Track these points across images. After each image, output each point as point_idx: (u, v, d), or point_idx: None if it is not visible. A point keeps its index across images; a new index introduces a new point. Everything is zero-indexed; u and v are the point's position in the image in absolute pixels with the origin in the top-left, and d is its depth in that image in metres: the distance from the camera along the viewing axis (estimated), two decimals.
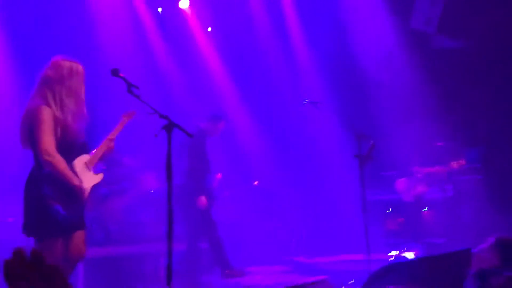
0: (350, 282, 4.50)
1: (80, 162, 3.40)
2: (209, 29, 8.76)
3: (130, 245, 5.97)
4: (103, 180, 3.60)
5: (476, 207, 7.68)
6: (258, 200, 8.06)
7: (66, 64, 3.39)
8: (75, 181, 3.24)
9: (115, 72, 3.24)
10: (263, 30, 8.98)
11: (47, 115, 3.21)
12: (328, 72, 8.78)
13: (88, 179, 3.42)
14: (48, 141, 3.18)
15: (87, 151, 3.52)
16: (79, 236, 3.42)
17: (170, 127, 3.04)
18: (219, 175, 7.08)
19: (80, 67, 3.45)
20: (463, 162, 6.99)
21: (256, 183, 8.26)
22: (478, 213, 7.55)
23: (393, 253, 6.61)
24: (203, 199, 5.77)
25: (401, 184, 7.48)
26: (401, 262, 4.00)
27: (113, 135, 3.65)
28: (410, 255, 6.40)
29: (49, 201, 3.17)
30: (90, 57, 6.42)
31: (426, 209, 7.78)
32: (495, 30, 7.69)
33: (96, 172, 3.55)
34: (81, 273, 5.32)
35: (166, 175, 2.97)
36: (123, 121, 3.75)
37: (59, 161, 3.21)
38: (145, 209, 6.42)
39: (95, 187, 3.54)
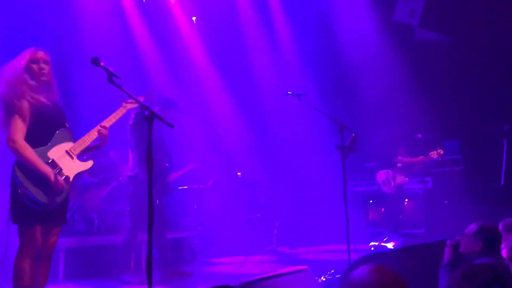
0: (330, 272, 4.55)
1: (59, 149, 3.36)
2: (194, 18, 8.71)
3: (111, 234, 5.95)
4: (85, 170, 3.56)
5: (455, 198, 7.82)
6: (240, 191, 8.09)
7: (29, 52, 3.41)
8: (42, 168, 3.19)
9: (95, 61, 3.20)
10: (247, 21, 8.96)
11: (21, 106, 3.25)
12: (311, 64, 8.81)
13: (70, 167, 3.37)
14: (15, 130, 3.21)
15: (70, 139, 3.47)
16: (56, 229, 3.41)
17: (150, 117, 3.02)
18: (191, 165, 6.88)
19: (40, 53, 3.43)
20: (441, 152, 7.11)
21: (239, 173, 8.28)
22: (457, 204, 7.69)
23: (373, 243, 6.70)
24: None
25: (381, 175, 7.59)
26: (380, 252, 4.06)
27: (107, 122, 3.57)
28: (390, 245, 6.50)
29: (19, 188, 3.17)
30: (71, 46, 6.37)
31: (406, 201, 7.90)
32: (477, 23, 7.78)
33: (84, 160, 3.51)
34: (61, 262, 5.30)
35: (147, 166, 2.95)
36: (121, 109, 3.69)
37: (23, 148, 3.19)
38: (127, 199, 6.41)
39: (79, 175, 3.50)
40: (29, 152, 3.21)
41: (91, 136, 3.52)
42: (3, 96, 3.29)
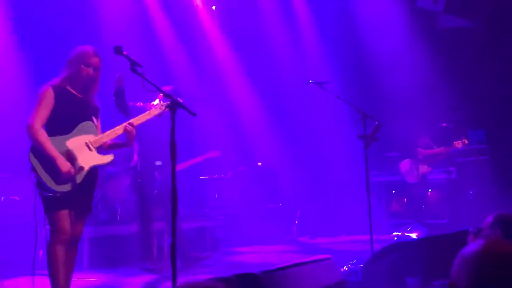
0: (352, 262, 4.52)
1: (78, 140, 3.37)
2: (214, 7, 8.68)
3: (134, 223, 6.01)
4: (104, 164, 3.52)
5: (480, 189, 7.68)
6: (261, 180, 8.08)
7: (87, 55, 3.46)
8: (51, 151, 3.21)
9: (118, 50, 3.20)
10: (268, 9, 8.89)
11: (46, 95, 3.31)
12: (333, 52, 8.70)
13: (87, 158, 3.36)
14: (35, 116, 3.28)
15: (93, 132, 3.46)
16: (78, 217, 3.40)
17: (173, 106, 3.01)
18: (210, 154, 6.77)
19: (95, 60, 3.48)
20: (466, 141, 6.94)
21: (260, 163, 8.27)
22: (482, 194, 7.55)
23: (396, 233, 6.63)
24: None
25: (405, 165, 7.46)
26: (404, 242, 4.01)
27: (135, 121, 3.55)
28: (413, 235, 6.42)
29: (33, 173, 3.22)
30: (93, 36, 6.40)
31: (430, 191, 7.79)
32: (503, 8, 7.58)
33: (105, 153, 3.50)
34: (86, 251, 5.38)
35: (170, 154, 2.95)
36: (153, 110, 3.69)
37: (37, 132, 3.24)
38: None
39: (98, 167, 3.47)
40: (42, 136, 3.25)
41: (116, 131, 3.50)
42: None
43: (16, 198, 5.46)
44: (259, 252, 6.42)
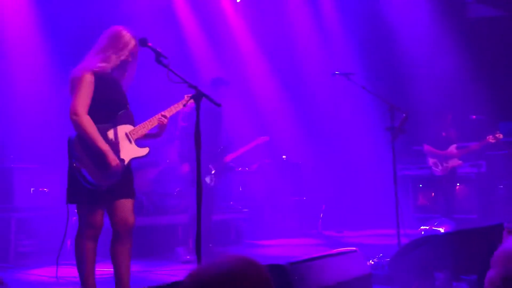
0: (379, 256, 4.45)
1: (119, 130, 3.28)
2: (238, 0, 8.64)
3: (160, 215, 6.06)
4: (140, 157, 3.42)
5: (510, 182, 7.48)
6: (286, 173, 8.04)
7: (133, 44, 3.33)
8: (102, 145, 3.10)
9: (143, 42, 3.20)
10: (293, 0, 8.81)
11: (86, 80, 3.16)
12: (359, 43, 8.58)
13: (127, 150, 3.29)
14: (79, 103, 3.12)
15: (131, 122, 3.38)
16: (122, 205, 3.26)
17: (198, 96, 2.99)
18: (259, 140, 6.65)
19: (136, 48, 3.36)
20: (500, 136, 6.69)
21: (284, 156, 8.23)
22: None
23: (424, 227, 6.51)
24: (185, 166, 5.43)
25: (440, 156, 7.25)
26: (433, 235, 3.93)
27: (168, 112, 3.46)
28: (441, 229, 6.30)
29: (75, 162, 3.09)
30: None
31: (458, 185, 7.63)
32: None
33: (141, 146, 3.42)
34: (109, 242, 5.43)
35: (195, 145, 2.94)
36: (184, 101, 3.56)
37: (86, 121, 3.10)
38: (174, 180, 6.50)
39: (134, 160, 3.38)
40: (91, 127, 3.11)
41: (152, 122, 3.43)
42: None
43: (45, 189, 5.56)
44: (284, 245, 6.40)
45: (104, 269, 4.35)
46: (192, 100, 3.63)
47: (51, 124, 5.94)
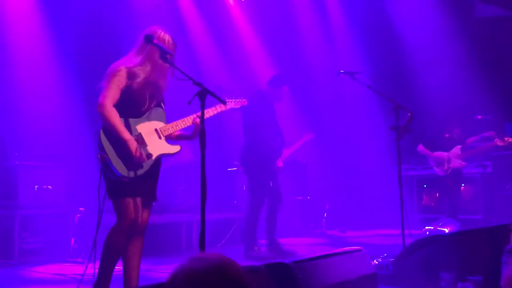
0: (383, 256, 4.43)
1: (149, 125, 3.28)
2: None
3: (164, 213, 6.06)
4: (171, 154, 3.40)
5: None
6: (290, 173, 8.02)
7: (160, 33, 3.32)
8: (124, 134, 3.08)
9: (148, 39, 3.20)
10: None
11: (117, 75, 3.17)
12: (365, 42, 8.55)
13: (156, 146, 3.27)
14: (106, 96, 3.14)
15: (163, 119, 3.38)
16: (139, 202, 3.21)
17: (203, 94, 2.98)
18: (306, 137, 6.56)
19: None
20: (509, 139, 6.62)
21: None
22: None
23: (428, 227, 6.48)
24: (279, 162, 5.50)
25: (435, 158, 7.25)
26: (438, 235, 3.90)
27: (206, 114, 3.38)
28: (445, 230, 6.27)
29: (100, 154, 3.10)
30: (123, 28, 6.45)
31: (463, 186, 7.59)
32: None
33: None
34: None
35: (200, 143, 2.92)
36: (221, 105, 3.56)
37: (110, 112, 3.10)
38: (179, 178, 6.50)
39: (165, 158, 3.38)
40: (115, 117, 3.11)
41: (185, 122, 3.41)
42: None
43: (49, 187, 5.56)
44: (288, 245, 6.36)
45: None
46: (233, 102, 3.71)
47: (55, 122, 5.95)
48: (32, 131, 5.75)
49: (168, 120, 3.44)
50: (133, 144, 3.11)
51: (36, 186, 5.47)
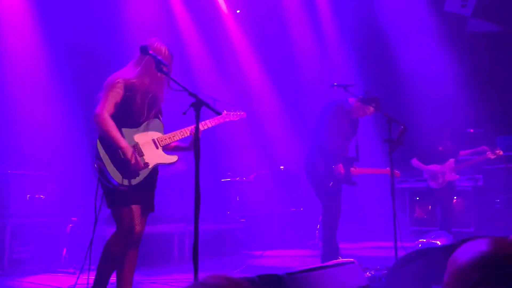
0: (376, 268, 4.44)
1: (146, 136, 3.32)
2: (238, 11, 8.70)
3: (155, 224, 6.03)
4: (169, 164, 3.42)
5: (507, 196, 7.49)
6: (283, 184, 8.03)
7: (157, 45, 3.37)
8: (120, 142, 3.11)
9: (144, 50, 3.22)
10: (291, 11, 8.87)
11: (114, 87, 3.21)
12: (358, 56, 8.62)
13: (153, 155, 3.28)
14: (102, 106, 3.17)
15: (160, 130, 3.41)
16: (138, 211, 3.22)
17: (198, 105, 2.99)
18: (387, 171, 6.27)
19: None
20: (500, 152, 6.70)
21: (282, 167, 8.22)
22: (509, 202, 7.36)
23: (421, 240, 6.50)
24: (339, 167, 5.35)
25: (429, 171, 7.30)
26: (431, 248, 3.91)
27: (202, 126, 3.49)
28: (437, 243, 6.28)
29: (97, 163, 3.13)
30: (118, 36, 6.47)
31: (455, 198, 7.63)
32: None
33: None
34: None
35: (194, 154, 2.93)
36: (219, 117, 3.63)
37: (106, 121, 3.13)
38: (172, 189, 6.48)
39: (162, 167, 3.39)
40: (111, 126, 3.14)
41: (183, 133, 3.45)
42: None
43: (42, 196, 5.53)
44: (281, 256, 6.37)
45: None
46: (232, 115, 3.73)
47: (48, 131, 5.93)
48: (24, 139, 5.73)
49: (165, 131, 3.47)
50: (129, 151, 3.14)
51: (28, 195, 5.44)
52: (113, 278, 3.23)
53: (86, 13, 6.49)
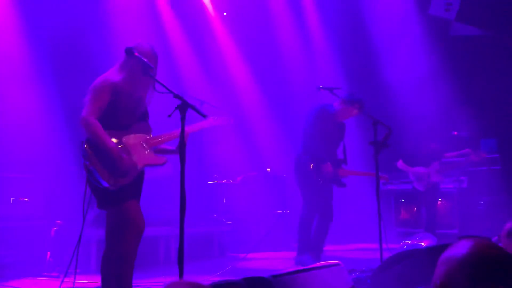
0: (361, 270, 4.46)
1: (134, 137, 3.31)
2: (225, 13, 8.71)
3: (146, 227, 5.98)
4: (157, 165, 3.43)
5: (491, 198, 7.59)
6: (270, 186, 8.04)
7: (144, 47, 3.37)
8: (108, 142, 3.11)
9: (129, 52, 3.21)
10: (278, 15, 8.90)
11: (100, 90, 3.22)
12: (343, 58, 8.68)
13: (141, 156, 3.29)
14: (88, 108, 3.17)
15: (148, 133, 3.41)
16: (131, 207, 3.26)
17: (184, 107, 2.99)
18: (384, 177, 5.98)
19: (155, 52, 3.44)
20: (484, 155, 6.82)
21: (268, 169, 8.23)
22: (493, 204, 7.46)
23: (406, 242, 6.56)
24: (327, 165, 5.46)
25: (415, 173, 7.38)
26: (415, 250, 3.95)
27: (190, 129, 3.48)
28: (422, 244, 6.34)
29: (86, 163, 3.12)
30: (103, 38, 6.43)
31: (440, 200, 7.71)
32: None
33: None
34: (93, 254, 5.36)
35: (180, 156, 2.93)
36: (207, 121, 3.64)
37: (92, 123, 3.13)
38: (157, 191, 6.45)
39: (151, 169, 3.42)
40: (98, 128, 3.14)
41: (171, 136, 3.46)
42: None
43: (26, 199, 5.47)
44: (267, 258, 6.37)
45: (89, 281, 4.28)
46: (219, 119, 3.76)
47: (32, 133, 5.87)
48: (7, 141, 5.66)
49: (152, 134, 3.47)
50: (117, 151, 3.14)
51: (11, 198, 5.37)
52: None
53: (71, 13, 6.44)
